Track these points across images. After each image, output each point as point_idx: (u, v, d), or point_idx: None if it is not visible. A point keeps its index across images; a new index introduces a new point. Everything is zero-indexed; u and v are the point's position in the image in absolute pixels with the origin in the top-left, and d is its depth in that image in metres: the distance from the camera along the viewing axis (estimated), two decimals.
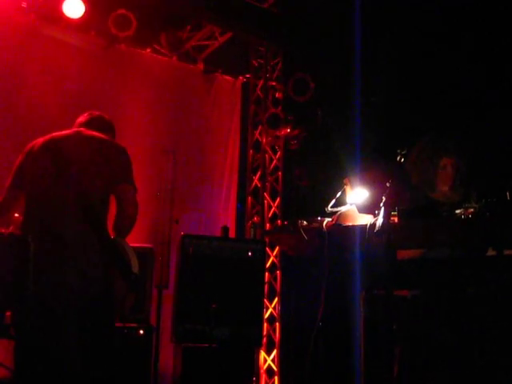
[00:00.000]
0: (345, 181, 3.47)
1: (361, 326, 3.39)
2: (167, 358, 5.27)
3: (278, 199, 6.64)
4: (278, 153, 6.76)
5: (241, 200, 6.78)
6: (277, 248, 6.39)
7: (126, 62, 6.24)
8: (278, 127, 6.64)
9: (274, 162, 6.76)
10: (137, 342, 4.65)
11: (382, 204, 3.13)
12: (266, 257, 5.95)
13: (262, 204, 6.64)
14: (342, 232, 3.29)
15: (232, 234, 6.22)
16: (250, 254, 5.12)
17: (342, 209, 3.41)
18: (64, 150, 3.54)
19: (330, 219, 3.40)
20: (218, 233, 5.98)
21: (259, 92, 6.83)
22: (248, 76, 6.90)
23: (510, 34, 5.08)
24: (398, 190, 3.27)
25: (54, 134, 3.64)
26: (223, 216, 6.59)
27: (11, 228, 3.62)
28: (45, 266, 3.29)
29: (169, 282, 5.37)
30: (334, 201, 3.44)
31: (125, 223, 3.55)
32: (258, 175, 6.72)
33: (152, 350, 4.74)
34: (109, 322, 3.54)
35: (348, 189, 3.44)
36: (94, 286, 3.38)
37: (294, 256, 3.83)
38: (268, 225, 6.56)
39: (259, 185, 6.70)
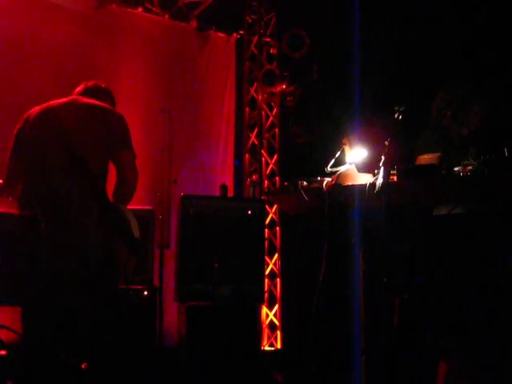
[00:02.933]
0: (343, 140, 3.47)
1: (360, 282, 3.44)
2: (171, 316, 5.35)
3: (276, 156, 6.66)
4: (274, 109, 6.76)
5: (238, 158, 6.79)
6: (275, 205, 6.44)
7: (118, 23, 6.16)
8: (274, 84, 6.61)
9: (271, 118, 6.75)
10: (141, 303, 4.72)
11: (381, 164, 3.15)
12: (265, 214, 6.00)
13: (260, 161, 6.66)
14: (342, 192, 3.32)
15: (230, 191, 6.25)
16: (249, 212, 5.16)
17: (342, 168, 3.42)
18: (61, 118, 3.54)
19: (329, 179, 3.43)
20: (216, 191, 6.02)
21: (254, 48, 6.78)
22: (242, 32, 6.84)
23: None
24: (396, 149, 3.29)
25: (51, 102, 3.65)
26: (221, 174, 6.61)
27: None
28: (47, 234, 3.33)
29: (170, 242, 5.43)
30: (333, 161, 3.46)
31: (125, 190, 3.59)
32: (254, 132, 6.73)
33: (156, 310, 4.82)
34: (113, 285, 3.60)
35: (347, 148, 3.45)
36: (96, 251, 3.44)
37: (295, 216, 3.86)
38: (266, 182, 6.60)
39: (256, 142, 6.71)
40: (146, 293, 4.75)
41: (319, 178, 3.43)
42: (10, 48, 5.48)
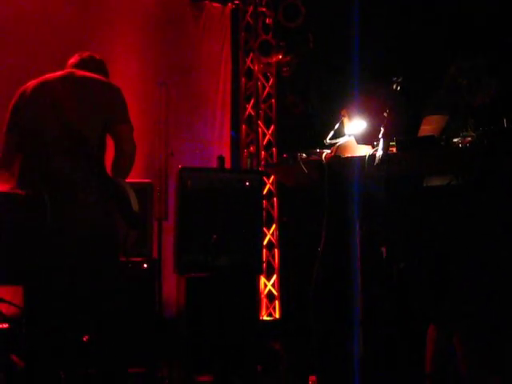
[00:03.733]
0: (342, 112, 3.48)
1: (358, 254, 3.47)
2: (170, 288, 5.39)
3: (273, 127, 6.64)
4: (271, 80, 6.72)
5: (234, 129, 6.77)
6: (273, 175, 6.45)
7: None
8: (270, 54, 6.57)
9: (267, 89, 6.72)
10: (141, 276, 4.75)
11: (380, 135, 3.16)
12: (263, 185, 6.01)
13: (257, 132, 6.65)
14: (341, 164, 3.33)
15: (227, 162, 6.25)
16: (247, 183, 5.16)
17: (341, 140, 3.43)
18: (57, 92, 3.52)
19: (328, 151, 3.44)
20: (213, 162, 6.01)
21: (249, 18, 6.71)
22: (237, 2, 6.75)
23: None
24: (395, 120, 3.30)
25: (47, 75, 3.62)
26: (218, 145, 6.59)
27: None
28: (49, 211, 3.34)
29: (168, 214, 5.44)
30: (332, 133, 3.47)
31: (124, 163, 3.60)
32: (251, 103, 6.70)
33: (155, 282, 4.86)
34: (113, 259, 3.62)
35: (346, 120, 3.45)
36: (96, 226, 3.45)
37: (293, 187, 3.88)
38: (263, 153, 6.60)
39: (253, 113, 6.68)
40: (145, 265, 4.78)
41: (318, 150, 3.44)
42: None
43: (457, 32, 5.01)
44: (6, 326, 4.22)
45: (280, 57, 6.53)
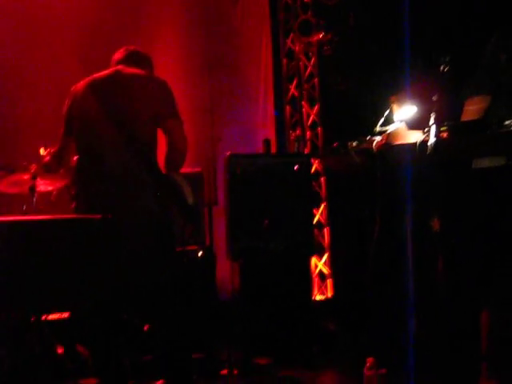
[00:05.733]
0: (391, 99, 3.48)
1: (409, 241, 3.49)
2: (222, 272, 5.49)
3: (317, 106, 6.64)
4: (312, 59, 6.70)
5: (278, 110, 6.79)
6: None
7: None
8: (310, 33, 6.56)
9: (309, 68, 6.70)
10: (197, 264, 4.86)
11: (431, 122, 3.16)
12: (310, 166, 6.03)
13: (301, 112, 6.66)
14: (393, 151, 3.35)
15: (273, 145, 6.28)
16: (296, 167, 5.19)
17: (391, 127, 3.44)
18: (108, 92, 3.59)
19: (379, 138, 3.45)
20: (259, 145, 6.06)
21: None
22: None
23: None
24: (445, 104, 3.29)
25: (94, 75, 3.68)
26: (262, 128, 6.63)
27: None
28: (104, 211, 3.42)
29: (217, 199, 5.53)
30: (382, 120, 3.47)
31: (176, 157, 3.65)
32: (293, 84, 6.71)
33: (211, 268, 4.96)
34: (170, 250, 3.71)
35: (395, 107, 3.45)
36: (154, 222, 3.53)
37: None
38: (308, 133, 6.60)
39: (296, 93, 6.70)
40: (200, 253, 4.88)
41: (368, 138, 3.46)
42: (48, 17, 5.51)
43: (495, 7, 4.89)
44: (66, 315, 4.32)
45: (320, 36, 6.50)
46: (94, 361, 3.77)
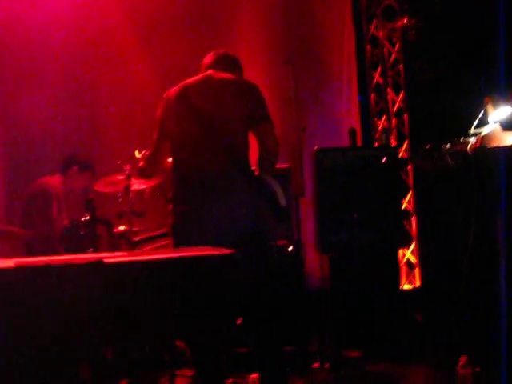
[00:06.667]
0: (485, 100, 3.43)
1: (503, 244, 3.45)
2: (310, 263, 5.55)
3: (402, 93, 6.55)
4: (397, 45, 6.60)
5: (363, 98, 6.75)
6: (406, 142, 6.43)
7: None
8: (394, 19, 6.44)
9: (393, 55, 6.62)
10: (287, 258, 4.95)
11: None
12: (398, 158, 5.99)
13: (386, 100, 6.61)
14: (488, 154, 3.31)
15: (358, 134, 6.25)
16: (383, 160, 5.17)
17: (486, 129, 3.39)
18: (200, 98, 3.66)
19: (473, 140, 3.41)
20: (344, 135, 6.06)
21: None
22: None
23: None
24: None
25: (186, 81, 3.75)
26: (347, 116, 6.60)
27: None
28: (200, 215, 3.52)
29: (304, 190, 5.57)
30: (476, 121, 3.43)
31: (268, 160, 3.69)
32: (378, 71, 6.65)
33: (300, 262, 5.03)
34: (266, 250, 3.78)
35: (489, 108, 3.40)
36: (249, 224, 3.61)
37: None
38: (394, 120, 6.54)
39: (380, 81, 6.63)
40: (290, 248, 4.96)
41: (462, 139, 3.43)
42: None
43: None
44: None
45: (405, 21, 6.38)
46: (192, 353, 3.88)
